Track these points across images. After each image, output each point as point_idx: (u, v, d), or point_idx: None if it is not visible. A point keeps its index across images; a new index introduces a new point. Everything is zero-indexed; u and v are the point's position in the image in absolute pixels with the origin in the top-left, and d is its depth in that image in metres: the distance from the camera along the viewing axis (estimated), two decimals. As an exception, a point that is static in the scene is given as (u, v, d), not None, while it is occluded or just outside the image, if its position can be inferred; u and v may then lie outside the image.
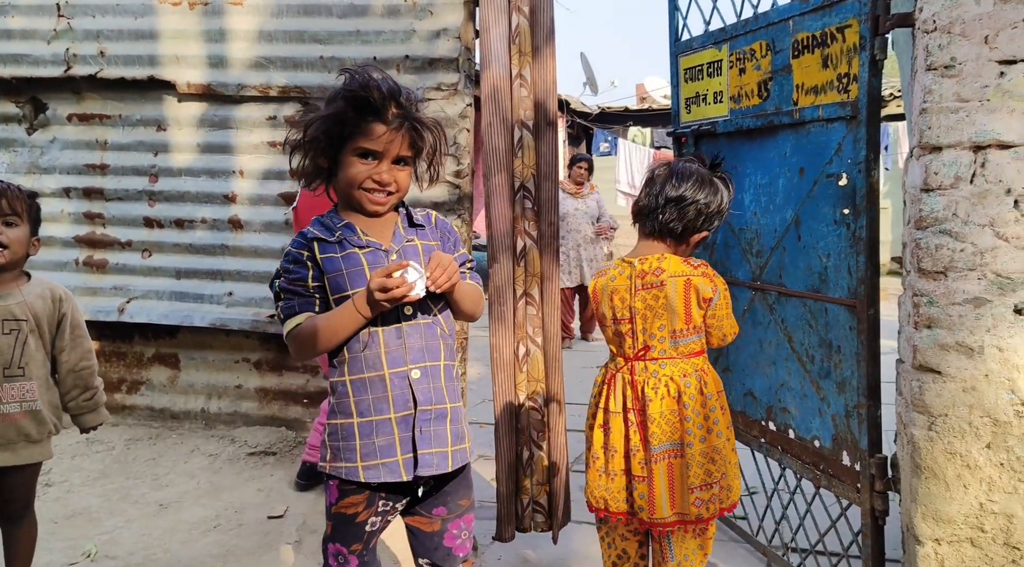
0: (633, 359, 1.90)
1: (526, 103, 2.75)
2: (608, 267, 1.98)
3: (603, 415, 1.93)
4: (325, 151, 1.64)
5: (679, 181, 1.93)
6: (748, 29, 2.76)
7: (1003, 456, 2.00)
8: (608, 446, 1.92)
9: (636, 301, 1.87)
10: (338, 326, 1.59)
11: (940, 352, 2.06)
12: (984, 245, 1.99)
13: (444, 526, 1.75)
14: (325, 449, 1.66)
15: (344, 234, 1.65)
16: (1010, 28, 1.90)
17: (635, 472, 1.89)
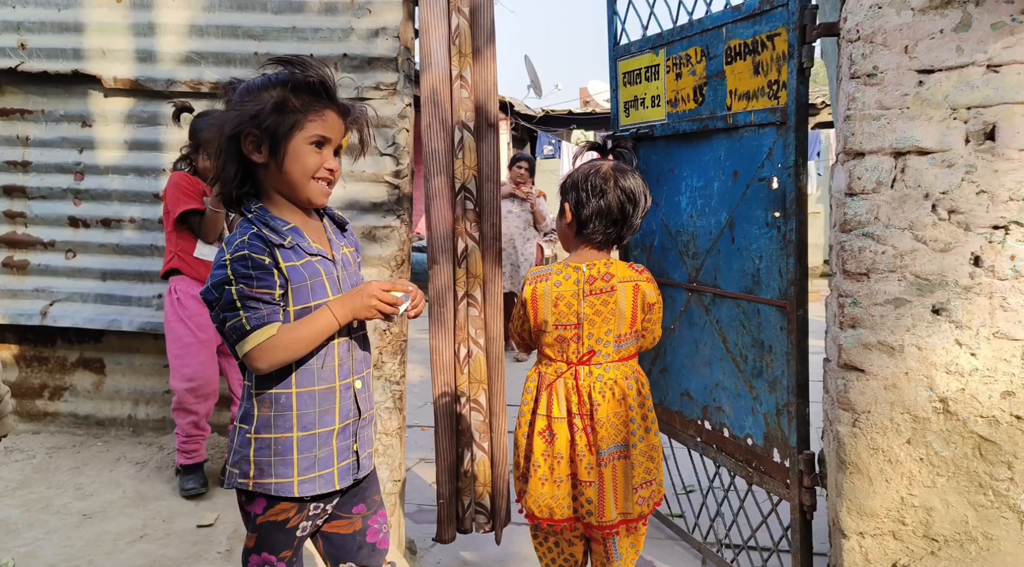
0: (577, 364, 1.89)
1: (466, 104, 2.74)
2: (547, 272, 1.92)
3: (545, 421, 1.91)
4: (259, 145, 1.55)
5: (633, 192, 1.89)
6: (684, 35, 2.81)
7: (922, 451, 2.08)
8: (553, 453, 1.90)
9: (584, 307, 1.85)
10: (317, 335, 1.56)
11: (863, 351, 2.13)
12: (904, 248, 2.07)
13: (365, 523, 1.75)
14: (247, 465, 1.58)
15: (295, 239, 1.58)
16: (928, 38, 1.98)
17: (583, 477, 1.88)
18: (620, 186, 1.87)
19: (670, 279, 3.12)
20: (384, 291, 1.59)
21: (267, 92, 1.54)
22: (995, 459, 2.02)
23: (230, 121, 1.53)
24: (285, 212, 1.61)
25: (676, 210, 3.04)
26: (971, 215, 2.00)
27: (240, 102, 1.55)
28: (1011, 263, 1.97)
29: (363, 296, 1.58)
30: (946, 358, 2.05)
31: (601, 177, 1.88)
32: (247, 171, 1.58)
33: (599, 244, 1.92)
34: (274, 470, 1.58)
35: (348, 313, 1.57)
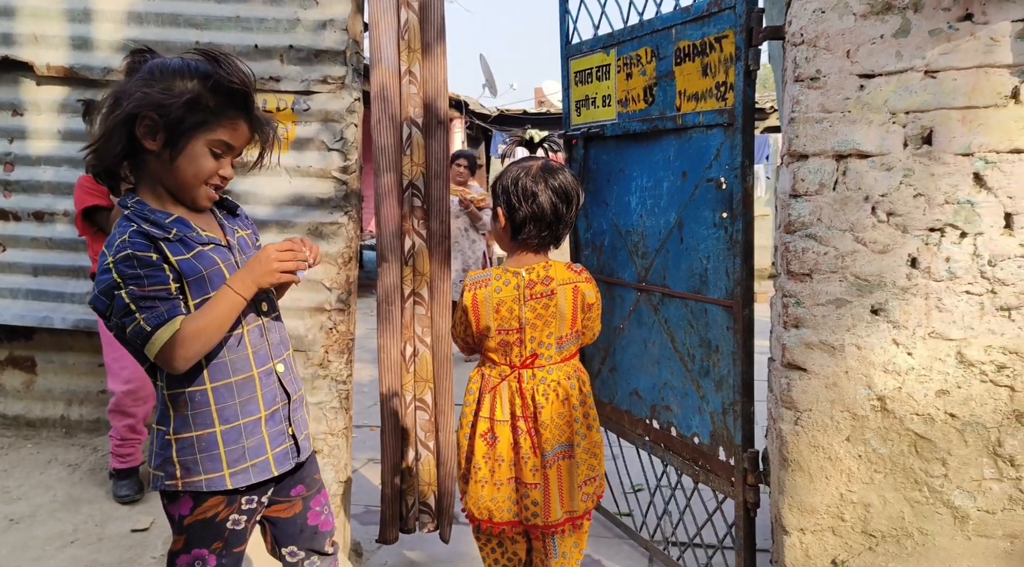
0: (520, 367, 1.88)
1: (416, 101, 2.70)
2: (486, 278, 1.89)
3: (487, 424, 1.89)
4: (154, 132, 1.45)
5: (565, 191, 1.85)
6: (634, 35, 2.82)
7: (861, 448, 2.12)
8: (493, 456, 1.88)
9: (526, 311, 1.84)
10: (224, 317, 1.50)
11: (806, 350, 2.16)
12: (845, 249, 2.11)
13: (306, 504, 1.75)
14: (172, 466, 1.54)
15: (181, 231, 1.51)
16: (869, 43, 2.01)
17: (526, 480, 1.87)
18: (551, 187, 1.82)
19: (620, 279, 3.12)
20: (280, 251, 1.53)
21: (182, 81, 1.45)
22: (930, 456, 2.07)
23: (133, 99, 1.43)
24: (167, 203, 1.53)
25: (626, 210, 3.05)
26: (908, 217, 2.05)
27: (147, 81, 1.45)
28: (946, 265, 2.02)
29: (261, 263, 1.52)
30: (884, 357, 2.09)
31: (531, 179, 1.83)
32: (131, 151, 1.48)
33: (535, 247, 1.89)
34: (201, 467, 1.54)
35: (250, 285, 1.51)
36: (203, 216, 1.60)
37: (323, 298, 2.67)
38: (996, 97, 1.94)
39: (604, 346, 3.30)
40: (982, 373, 2.02)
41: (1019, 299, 1.98)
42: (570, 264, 1.92)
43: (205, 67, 1.47)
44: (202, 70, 1.47)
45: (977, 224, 1.99)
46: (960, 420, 2.04)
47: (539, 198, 1.82)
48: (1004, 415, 2.01)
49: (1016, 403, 2.00)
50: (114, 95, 1.47)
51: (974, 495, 2.04)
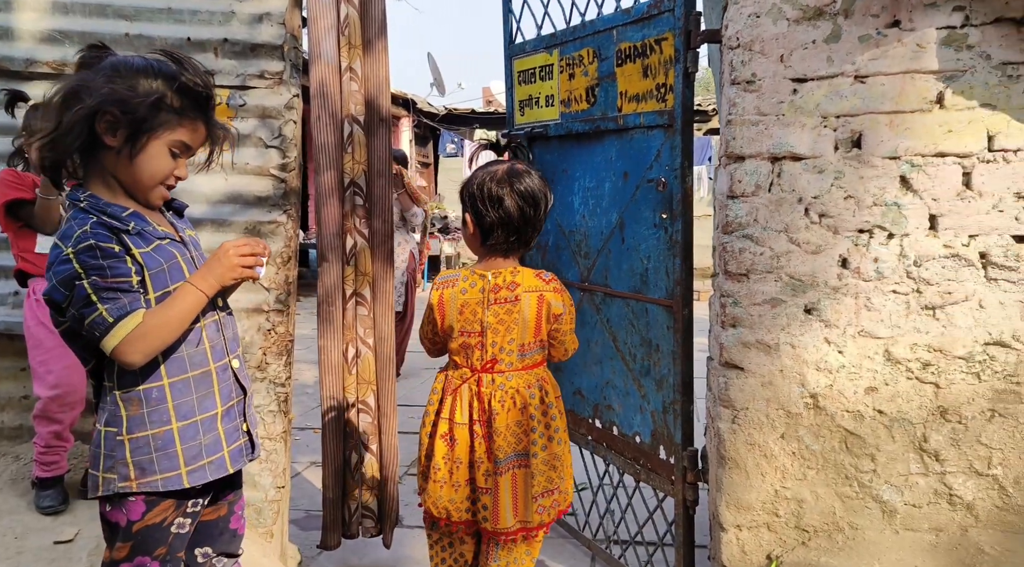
0: (480, 371, 1.87)
1: (356, 98, 2.65)
2: (454, 278, 1.88)
3: (447, 425, 1.88)
4: (114, 129, 1.46)
5: (532, 195, 1.82)
6: (576, 36, 2.82)
7: (795, 445, 2.16)
8: (453, 457, 1.88)
9: (488, 315, 1.82)
10: (187, 314, 1.51)
11: (743, 349, 2.20)
12: (780, 249, 2.15)
13: (231, 508, 1.75)
14: (125, 468, 1.51)
15: (139, 224, 1.52)
16: (801, 48, 2.05)
17: (480, 484, 1.87)
18: (517, 191, 1.80)
19: (563, 278, 3.12)
20: (239, 247, 1.56)
21: (146, 80, 1.47)
22: (860, 452, 2.12)
23: (98, 94, 1.43)
24: (120, 198, 1.54)
25: (569, 210, 3.06)
26: (839, 219, 2.10)
27: (111, 77, 1.46)
28: (874, 265, 2.08)
29: (222, 261, 1.54)
30: (816, 356, 2.14)
31: (497, 184, 1.81)
32: (86, 146, 1.48)
33: (504, 252, 1.87)
34: (158, 466, 1.52)
35: (213, 283, 1.54)
36: (154, 214, 1.61)
37: (261, 299, 2.60)
38: (922, 102, 2.00)
39: (548, 346, 3.30)
40: (908, 370, 2.08)
41: (943, 298, 2.05)
42: (540, 272, 1.90)
43: (170, 68, 1.50)
44: (167, 71, 1.49)
45: (903, 225, 2.05)
46: (888, 416, 2.10)
47: (505, 203, 1.80)
48: (929, 411, 2.07)
49: (940, 399, 2.06)
50: (71, 89, 1.45)
51: (901, 490, 2.10)
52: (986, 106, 1.96)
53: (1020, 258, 1.99)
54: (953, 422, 2.06)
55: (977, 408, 2.04)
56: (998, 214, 1.99)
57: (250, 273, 1.58)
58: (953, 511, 2.08)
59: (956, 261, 2.03)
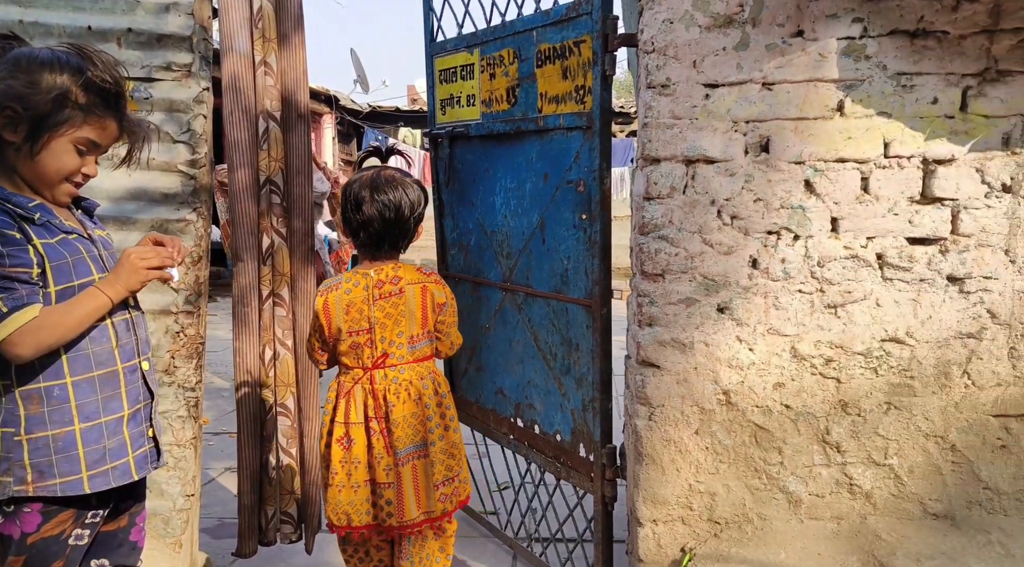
0: (372, 368, 1.92)
1: (272, 93, 2.58)
2: (337, 282, 1.93)
3: (343, 428, 1.91)
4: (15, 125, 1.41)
5: (394, 203, 1.91)
6: (497, 36, 2.83)
7: (708, 441, 2.23)
8: (349, 459, 1.91)
9: (375, 311, 1.88)
10: (86, 318, 1.46)
11: (659, 348, 2.25)
12: (694, 250, 2.21)
13: (132, 519, 1.70)
14: (22, 470, 1.44)
15: (44, 216, 1.47)
16: (713, 55, 2.11)
17: (380, 480, 1.90)
18: (379, 199, 1.89)
19: (486, 278, 3.13)
20: (142, 253, 1.52)
21: (51, 75, 1.41)
22: (768, 445, 2.20)
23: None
24: (24, 192, 1.48)
25: (491, 210, 3.06)
26: (750, 221, 2.17)
27: (12, 71, 1.40)
28: (782, 266, 2.16)
29: (125, 268, 1.50)
30: (729, 353, 2.21)
31: (362, 189, 1.90)
32: None
33: (372, 253, 1.94)
34: (57, 469, 1.45)
35: (120, 289, 1.50)
36: (62, 210, 1.56)
37: (169, 300, 2.50)
38: (824, 109, 2.09)
39: (471, 346, 3.29)
40: (812, 366, 2.17)
41: (843, 297, 2.14)
42: (420, 267, 2.00)
43: (77, 62, 1.44)
44: (73, 65, 1.44)
45: (808, 228, 2.14)
46: (794, 410, 2.18)
47: (364, 207, 1.89)
48: (831, 405, 2.17)
49: (842, 394, 2.16)
50: None
51: (806, 480, 2.19)
52: (882, 114, 2.06)
53: (913, 259, 2.11)
54: (853, 415, 2.16)
55: (875, 401, 2.15)
56: (893, 217, 2.10)
57: (156, 274, 1.54)
58: (853, 500, 2.18)
59: (855, 262, 2.13)
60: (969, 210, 2.07)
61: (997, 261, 2.08)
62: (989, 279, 2.08)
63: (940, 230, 2.10)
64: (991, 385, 2.11)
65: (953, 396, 2.12)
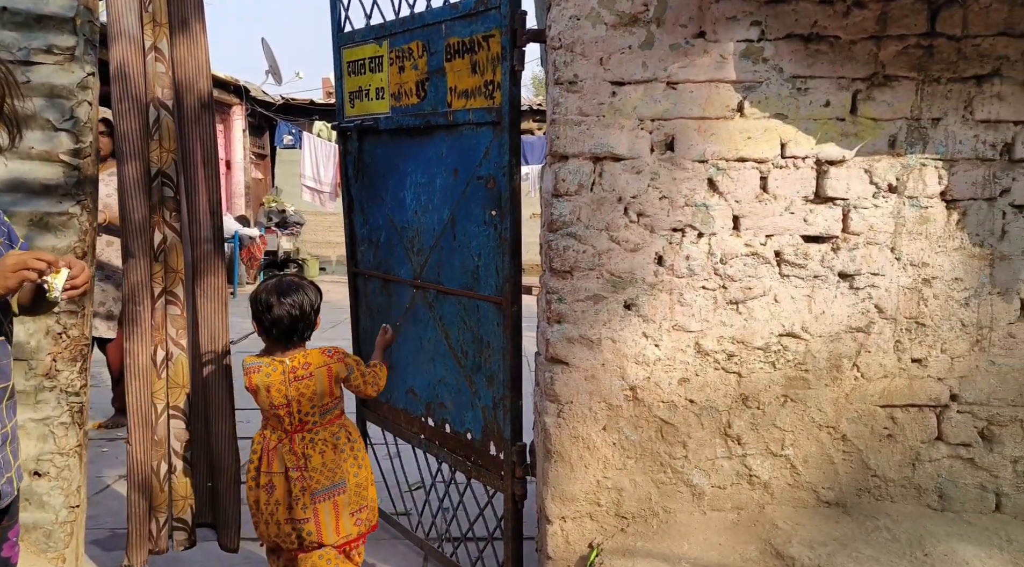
0: (292, 433, 2.28)
1: (164, 80, 2.45)
2: (259, 365, 2.29)
3: (267, 477, 2.29)
4: None
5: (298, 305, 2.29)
6: (406, 28, 2.77)
7: (615, 436, 2.25)
8: (272, 501, 2.28)
9: (291, 390, 2.26)
10: None
11: (568, 345, 2.25)
12: (602, 247, 2.22)
13: (4, 535, 1.63)
14: None
15: None
16: (619, 53, 2.13)
17: (298, 516, 2.24)
18: (284, 301, 2.28)
19: (396, 275, 3.07)
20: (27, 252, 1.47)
21: None
22: (673, 440, 2.24)
23: None
24: None
25: (401, 206, 3.00)
26: (655, 218, 2.20)
27: None
28: (686, 263, 2.20)
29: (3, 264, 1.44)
30: (635, 349, 2.23)
31: (269, 295, 2.29)
32: None
33: (284, 345, 2.32)
34: None
35: None
36: None
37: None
38: (725, 110, 2.13)
39: (381, 345, 3.22)
40: (715, 361, 2.22)
41: (745, 294, 2.20)
42: (324, 349, 2.34)
43: None
44: None
45: (711, 225, 2.18)
46: (698, 405, 2.23)
47: (274, 310, 2.28)
48: (733, 399, 2.22)
49: (743, 388, 2.22)
50: None
51: (709, 473, 2.24)
52: (779, 116, 2.13)
53: (808, 256, 2.18)
54: (753, 408, 2.22)
55: (772, 394, 2.22)
56: (790, 216, 2.17)
57: (25, 275, 1.46)
58: (752, 490, 2.24)
59: (755, 259, 2.19)
60: (858, 209, 2.16)
61: (884, 258, 2.17)
62: (876, 275, 2.18)
63: (832, 228, 2.18)
64: (878, 377, 2.21)
65: (844, 388, 2.21)
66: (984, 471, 2.21)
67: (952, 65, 2.09)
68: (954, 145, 2.13)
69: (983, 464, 2.21)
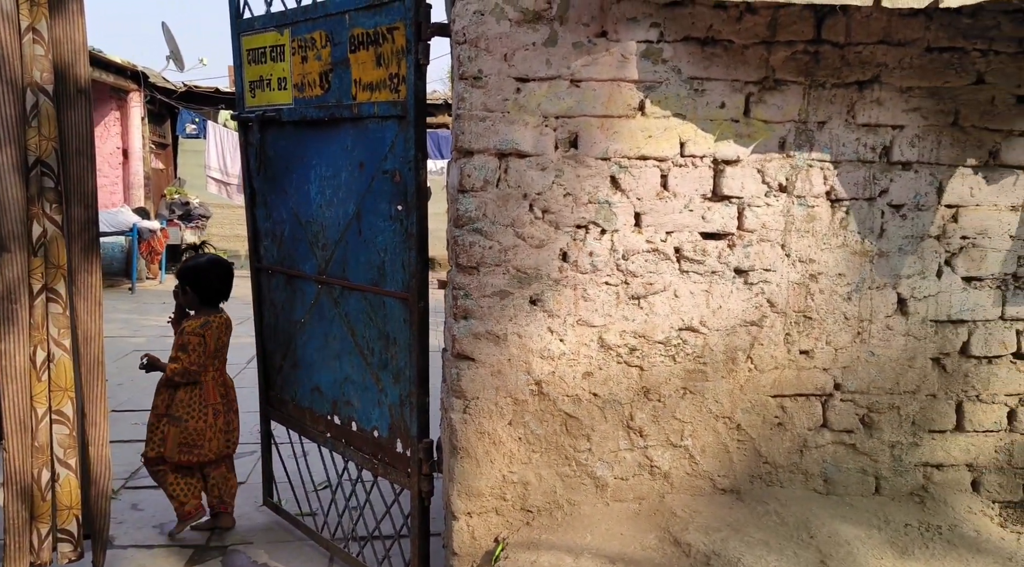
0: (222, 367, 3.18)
1: (43, 63, 2.29)
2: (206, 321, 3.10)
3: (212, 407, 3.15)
4: None
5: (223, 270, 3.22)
6: (308, 16, 2.69)
7: (521, 431, 2.26)
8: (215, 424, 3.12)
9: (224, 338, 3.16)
10: None
11: (474, 341, 2.24)
12: (507, 243, 2.22)
13: None
14: None
15: None
16: (523, 49, 2.13)
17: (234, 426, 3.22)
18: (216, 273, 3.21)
19: (300, 271, 2.99)
20: None
21: None
22: (577, 433, 2.27)
23: None
24: None
25: (306, 199, 2.93)
26: (560, 215, 2.22)
27: None
28: (590, 259, 2.23)
29: None
30: (541, 344, 2.25)
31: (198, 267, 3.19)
32: None
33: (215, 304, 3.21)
34: None
35: None
36: None
37: (-86, 297, 2.16)
38: (627, 109, 2.18)
39: (285, 341, 3.14)
40: (618, 355, 2.26)
41: (646, 289, 2.25)
42: None
43: None
44: None
45: (614, 222, 2.22)
46: (601, 398, 2.27)
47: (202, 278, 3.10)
48: (635, 392, 2.28)
49: (644, 381, 2.28)
50: None
51: (612, 465, 2.29)
52: (678, 116, 2.18)
53: (706, 253, 2.25)
54: (654, 401, 2.28)
55: (672, 387, 2.28)
56: (689, 213, 2.24)
57: None
58: (653, 480, 2.31)
59: (656, 255, 2.25)
60: (752, 208, 2.25)
61: (775, 255, 2.27)
62: (768, 271, 2.27)
63: (728, 226, 2.26)
64: (770, 368, 2.31)
65: (739, 379, 2.30)
66: (865, 456, 2.35)
67: (836, 71, 2.20)
68: (838, 147, 2.24)
69: (864, 449, 2.35)
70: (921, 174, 2.27)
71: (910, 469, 2.37)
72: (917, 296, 2.31)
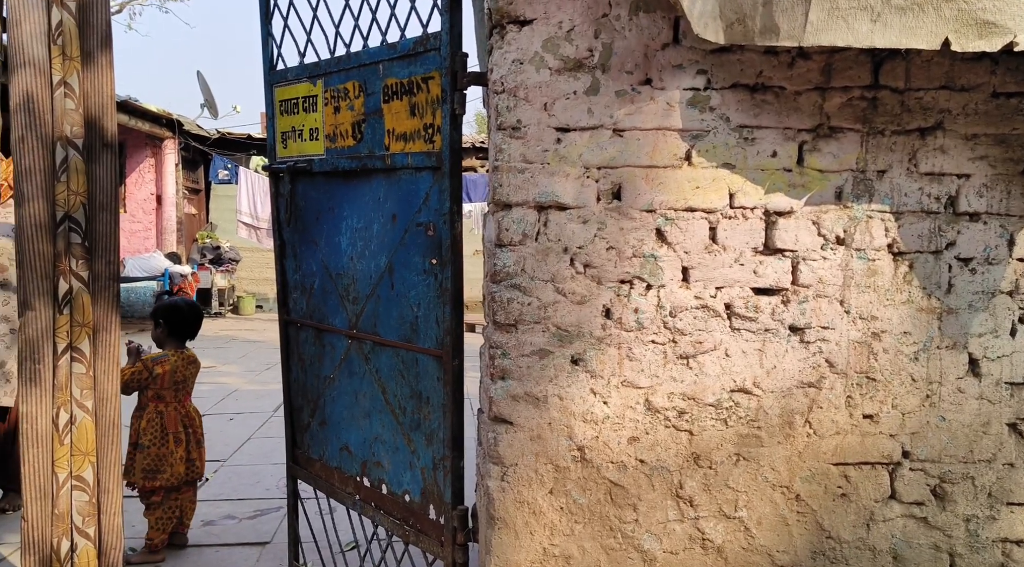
0: (186, 400, 3.61)
1: (73, 117, 2.26)
2: (166, 357, 3.38)
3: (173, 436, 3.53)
4: None
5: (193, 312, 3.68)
6: (341, 67, 2.65)
7: (563, 500, 2.12)
8: (176, 450, 3.47)
9: (187, 371, 3.46)
10: None
11: (512, 403, 2.12)
12: (547, 299, 2.11)
13: None
14: None
15: None
16: (564, 98, 2.05)
17: (195, 457, 3.60)
18: (190, 313, 3.66)
19: (330, 325, 2.90)
20: None
21: None
22: (623, 502, 2.12)
23: None
24: None
25: (336, 251, 2.85)
26: (603, 269, 2.10)
27: None
28: (635, 315, 2.11)
29: None
30: (583, 407, 2.12)
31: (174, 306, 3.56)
32: None
33: (183, 341, 3.57)
34: None
35: None
36: None
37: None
38: (673, 158, 2.07)
39: (314, 398, 3.03)
40: (666, 419, 2.12)
41: (695, 348, 2.12)
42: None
43: None
44: None
45: (660, 277, 2.10)
46: (648, 465, 2.12)
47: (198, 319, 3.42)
48: (684, 458, 2.12)
49: (694, 446, 2.12)
50: None
51: (660, 537, 2.12)
52: (727, 165, 2.07)
53: (758, 309, 2.12)
54: (705, 468, 2.12)
55: (725, 453, 2.12)
56: (739, 267, 2.11)
57: None
58: (705, 555, 2.13)
59: (705, 312, 2.11)
60: (807, 261, 2.11)
61: (833, 311, 2.13)
62: (826, 329, 2.13)
63: (782, 280, 2.12)
64: (831, 433, 2.14)
65: (797, 445, 2.14)
66: (938, 530, 2.16)
67: (896, 118, 2.08)
68: (899, 197, 2.11)
69: (936, 523, 2.16)
70: (990, 225, 2.13)
71: (987, 545, 2.17)
72: (990, 356, 2.14)
